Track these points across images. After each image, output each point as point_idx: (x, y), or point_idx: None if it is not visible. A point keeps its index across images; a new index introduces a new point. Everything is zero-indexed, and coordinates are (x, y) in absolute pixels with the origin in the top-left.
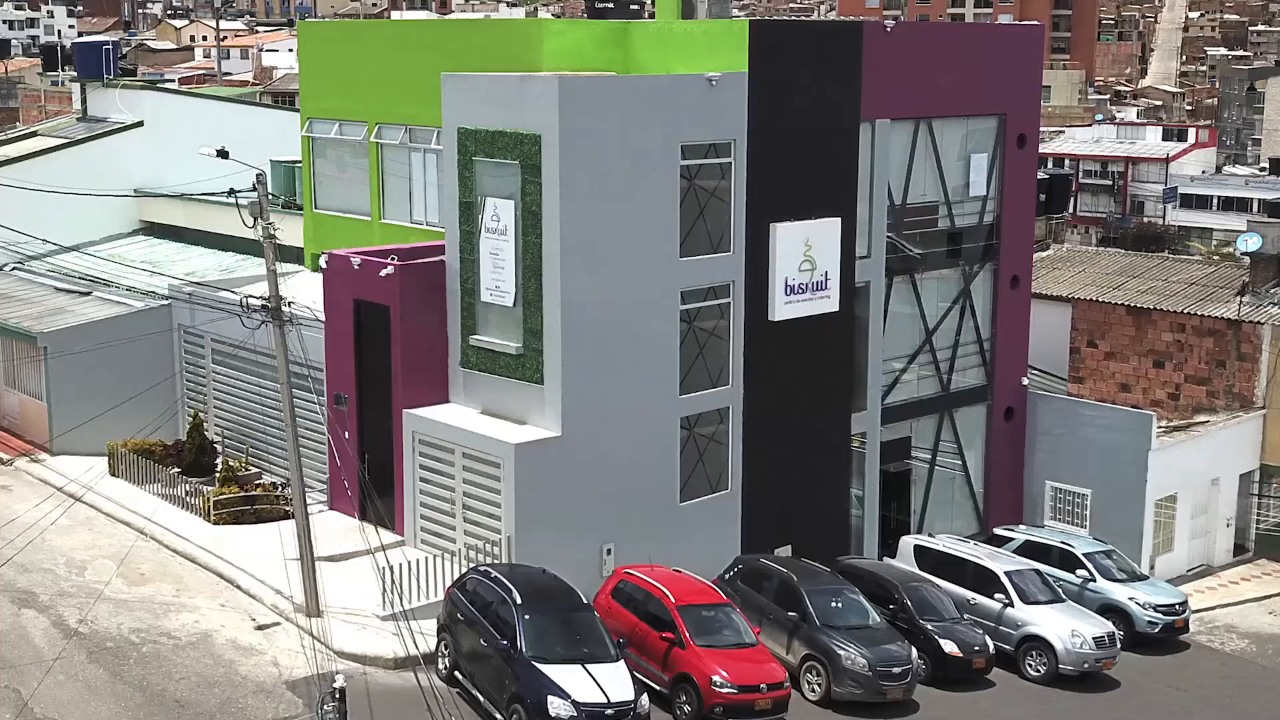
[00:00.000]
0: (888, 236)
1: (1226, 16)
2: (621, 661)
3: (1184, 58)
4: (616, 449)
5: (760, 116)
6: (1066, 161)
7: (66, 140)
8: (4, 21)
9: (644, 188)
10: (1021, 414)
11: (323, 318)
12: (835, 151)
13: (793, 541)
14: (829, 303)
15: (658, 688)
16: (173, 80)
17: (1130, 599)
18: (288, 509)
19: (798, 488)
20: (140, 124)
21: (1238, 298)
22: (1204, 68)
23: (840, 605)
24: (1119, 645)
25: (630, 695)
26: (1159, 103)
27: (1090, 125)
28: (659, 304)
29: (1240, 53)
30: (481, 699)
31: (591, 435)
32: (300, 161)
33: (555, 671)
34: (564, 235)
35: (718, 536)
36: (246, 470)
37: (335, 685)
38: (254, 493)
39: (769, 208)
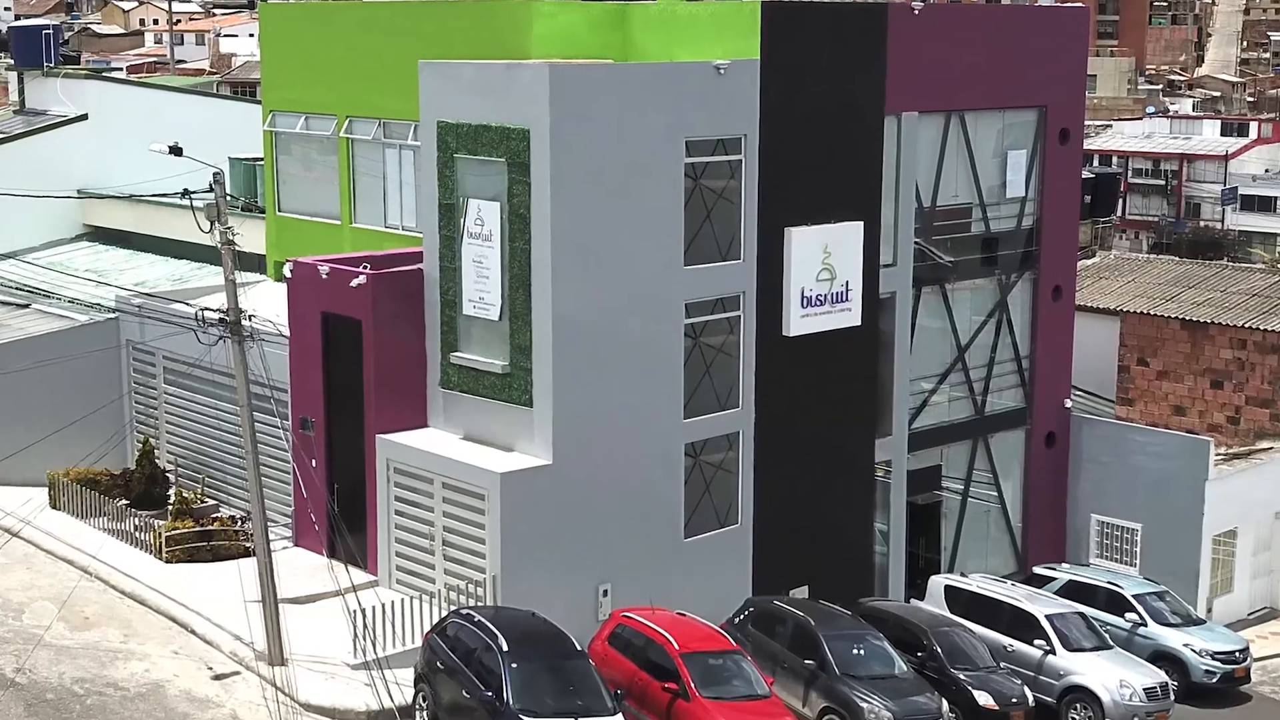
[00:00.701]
0: (915, 242)
1: None
2: (619, 715)
3: (1245, 43)
4: (614, 478)
5: (773, 109)
6: (1114, 159)
7: (1, 135)
8: None
9: (644, 188)
10: (1064, 440)
11: (287, 333)
12: (857, 148)
13: (810, 581)
14: (850, 316)
15: None
16: (120, 69)
17: (1185, 645)
18: (248, 545)
19: (815, 522)
20: (84, 117)
21: None
22: (1267, 54)
23: (863, 652)
24: (1173, 697)
25: None
26: (1217, 93)
27: (1141, 119)
28: (661, 317)
29: None
30: None
31: (586, 463)
32: (262, 159)
33: None
34: (555, 241)
35: (726, 576)
36: (202, 502)
37: None
38: (210, 527)
39: (783, 210)
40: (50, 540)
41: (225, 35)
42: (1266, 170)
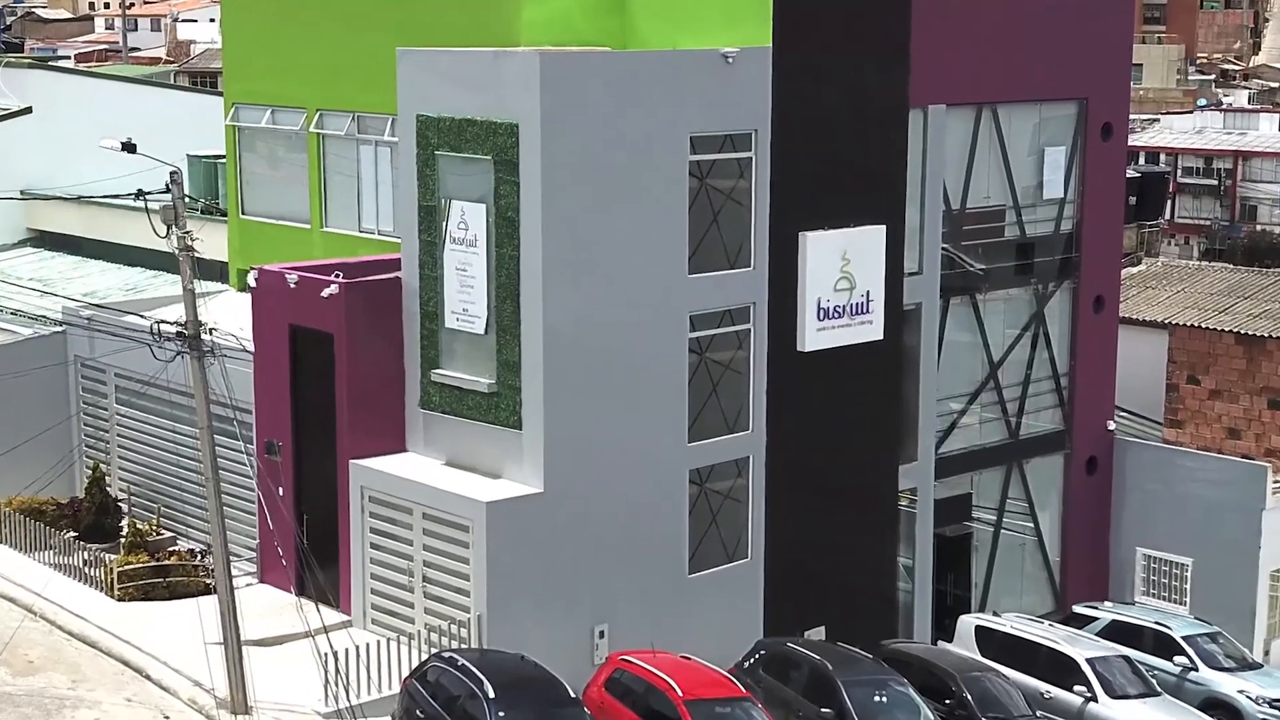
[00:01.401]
0: (943, 248)
1: None
2: None
3: None
4: (611, 508)
5: (787, 102)
6: (1162, 157)
7: None
8: None
9: (645, 189)
10: (1107, 466)
11: (251, 348)
12: (879, 144)
13: (827, 622)
14: (872, 329)
15: None
16: (68, 57)
17: (1240, 692)
18: (209, 582)
19: (833, 556)
20: (28, 110)
21: None
22: None
23: (885, 699)
24: None
25: None
26: (1275, 84)
27: (1191, 112)
28: (663, 331)
29: None
30: None
31: (581, 492)
32: (224, 157)
33: None
34: (547, 247)
35: (735, 615)
36: (158, 535)
37: None
38: (167, 562)
39: (797, 213)
40: None
41: (183, 20)
42: None
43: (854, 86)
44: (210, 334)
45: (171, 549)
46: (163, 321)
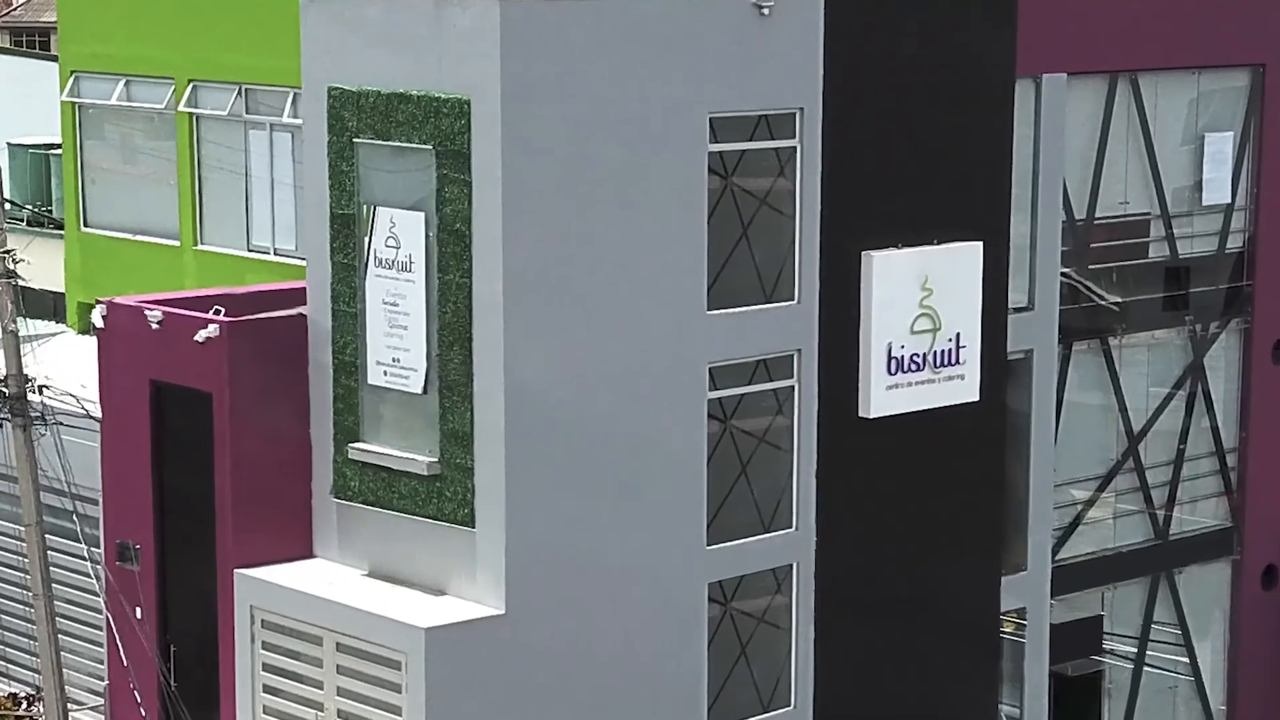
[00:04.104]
0: (1063, 274)
1: None
2: None
3: None
4: (599, 638)
5: (845, 70)
6: None
7: None
8: None
9: (647, 191)
10: None
11: (98, 413)
12: (973, 129)
13: None
14: (963, 387)
15: None
16: None
17: None
18: None
19: (910, 703)
20: None
21: None
22: None
23: None
24: None
25: None
26: None
27: None
28: (673, 389)
29: None
30: None
31: (556, 615)
32: (59, 146)
33: None
34: (510, 272)
35: None
36: None
37: None
38: None
39: (860, 225)
40: None
41: None
42: None
43: (939, 48)
44: (40, 393)
45: None
46: None
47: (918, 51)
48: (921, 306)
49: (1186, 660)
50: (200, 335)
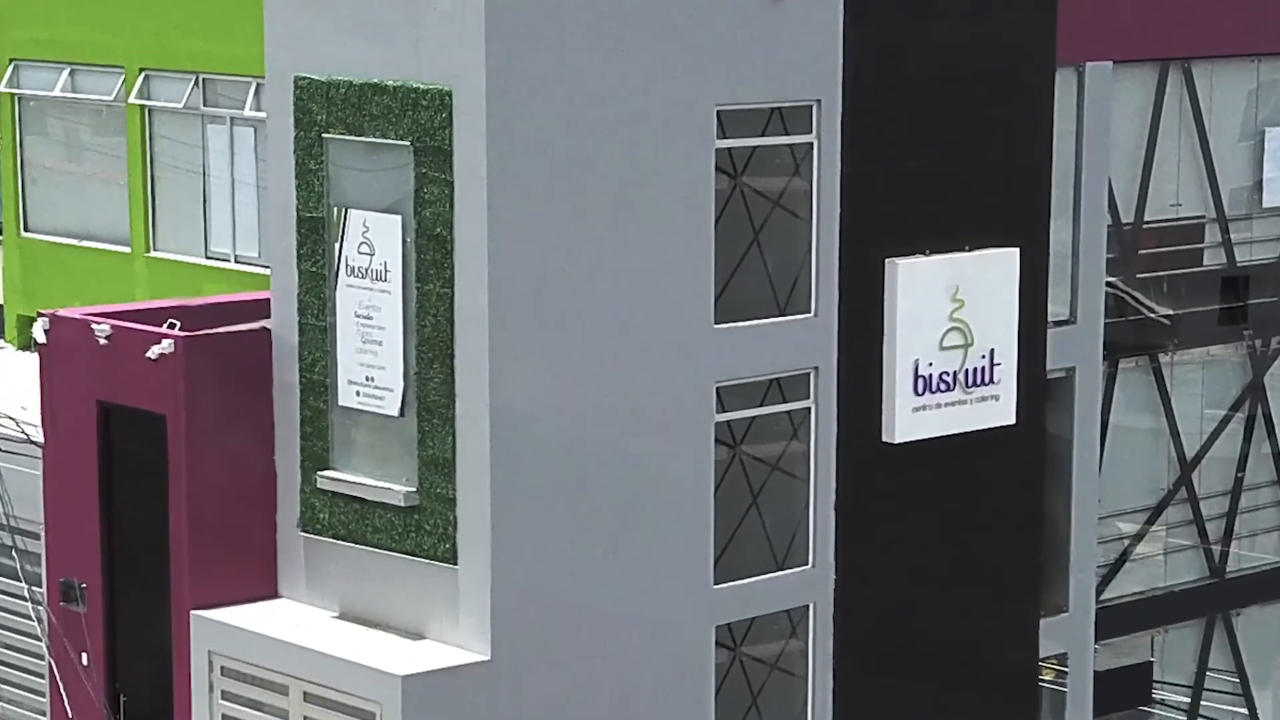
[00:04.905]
0: (1108, 284)
1: None
2: None
3: None
4: (594, 686)
5: (869, 57)
6: None
7: None
8: None
9: (648, 192)
10: None
11: (39, 437)
12: (1009, 124)
13: None
14: (997, 409)
15: None
16: None
17: None
18: None
19: None
20: None
21: None
22: None
23: None
24: None
25: None
26: None
27: None
28: (676, 412)
29: None
30: None
31: (547, 661)
32: None
33: None
34: (495, 282)
35: None
36: None
37: None
38: None
39: (884, 229)
40: None
41: None
42: None
43: (971, 32)
44: None
45: None
46: None
47: (948, 37)
48: (952, 320)
49: (1245, 711)
50: (153, 351)
